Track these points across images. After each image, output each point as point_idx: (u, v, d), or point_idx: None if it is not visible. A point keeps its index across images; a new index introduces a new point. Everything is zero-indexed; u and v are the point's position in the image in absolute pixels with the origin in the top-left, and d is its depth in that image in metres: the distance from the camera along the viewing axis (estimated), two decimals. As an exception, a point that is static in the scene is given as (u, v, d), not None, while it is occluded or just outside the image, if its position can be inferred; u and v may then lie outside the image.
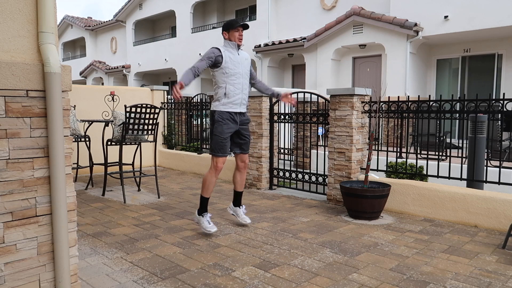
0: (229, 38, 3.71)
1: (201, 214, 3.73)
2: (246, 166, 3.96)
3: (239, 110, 3.73)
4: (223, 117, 3.65)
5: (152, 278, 2.72)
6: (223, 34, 3.73)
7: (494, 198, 3.91)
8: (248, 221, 3.97)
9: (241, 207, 4.03)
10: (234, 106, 3.69)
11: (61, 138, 1.99)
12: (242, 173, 3.96)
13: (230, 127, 3.68)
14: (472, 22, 8.88)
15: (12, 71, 1.88)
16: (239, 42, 3.71)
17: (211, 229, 3.62)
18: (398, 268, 2.92)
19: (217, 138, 3.65)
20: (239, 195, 4.03)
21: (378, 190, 4.22)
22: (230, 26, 3.69)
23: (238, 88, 3.70)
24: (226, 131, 3.65)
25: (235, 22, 3.70)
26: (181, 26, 16.73)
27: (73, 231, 2.10)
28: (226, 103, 3.66)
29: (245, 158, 3.92)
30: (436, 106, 4.48)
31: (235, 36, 3.69)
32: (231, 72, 3.65)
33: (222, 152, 3.66)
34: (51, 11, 1.96)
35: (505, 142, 6.65)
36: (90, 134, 6.15)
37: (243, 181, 4.01)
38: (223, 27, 3.73)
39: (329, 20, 11.68)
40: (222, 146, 3.65)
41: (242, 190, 4.02)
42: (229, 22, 3.73)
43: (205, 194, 3.73)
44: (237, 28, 3.68)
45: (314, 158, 7.23)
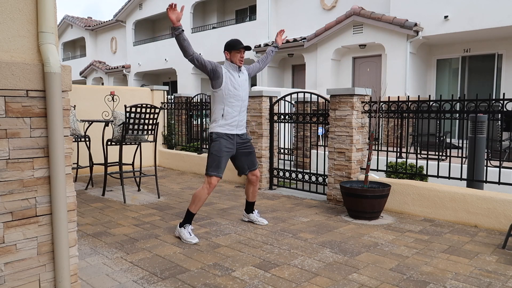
0: (230, 58, 3.66)
1: (182, 226, 3.59)
2: (258, 179, 4.00)
3: (235, 132, 3.69)
4: (220, 136, 3.62)
5: (152, 278, 2.72)
6: (225, 53, 3.68)
7: (494, 198, 3.91)
8: (266, 222, 4.06)
9: (254, 212, 4.13)
10: (231, 128, 3.66)
11: (61, 138, 1.99)
12: (255, 186, 4.01)
13: (228, 147, 3.64)
14: (472, 22, 8.88)
15: (12, 71, 1.88)
16: (240, 64, 3.67)
17: (192, 240, 3.47)
18: (398, 268, 2.92)
19: (214, 156, 3.58)
20: (252, 205, 4.12)
21: (378, 190, 4.22)
22: (232, 47, 3.64)
23: (236, 110, 3.66)
24: (223, 149, 3.60)
25: (238, 44, 3.64)
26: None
27: (73, 231, 2.10)
28: (223, 125, 3.63)
29: (256, 172, 3.95)
30: (436, 106, 4.48)
31: (236, 57, 3.64)
32: (230, 94, 3.61)
33: (217, 172, 3.57)
34: (51, 11, 1.96)
35: (505, 142, 6.65)
36: (90, 134, 6.15)
37: (256, 193, 4.07)
38: (225, 47, 3.68)
39: (329, 20, 11.68)
40: (218, 164, 3.57)
41: (254, 200, 4.10)
42: (231, 43, 3.66)
43: (193, 209, 3.58)
44: (239, 50, 3.63)
45: (314, 158, 7.23)
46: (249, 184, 4.01)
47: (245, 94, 3.75)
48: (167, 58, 17.28)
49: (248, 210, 4.13)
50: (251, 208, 4.12)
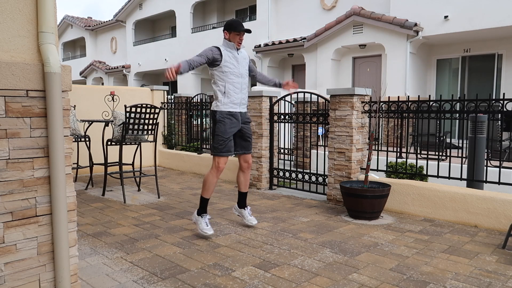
0: (229, 38, 3.65)
1: (200, 214, 3.65)
2: (250, 167, 3.91)
3: (239, 110, 3.70)
4: (224, 116, 3.61)
5: (152, 278, 2.72)
6: (224, 33, 3.66)
7: (494, 198, 3.91)
8: (255, 222, 3.92)
9: (246, 208, 3.97)
10: (234, 106, 3.66)
11: (61, 138, 1.99)
12: (246, 174, 3.91)
13: (233, 126, 3.64)
14: (472, 22, 8.88)
15: (12, 71, 1.88)
16: (238, 46, 3.66)
17: (207, 231, 3.54)
18: (398, 268, 2.92)
19: (220, 137, 3.59)
20: (243, 196, 3.97)
21: (378, 190, 4.22)
22: (232, 28, 3.61)
23: (238, 87, 3.67)
24: (228, 130, 3.61)
25: (239, 25, 3.61)
26: (181, 26, 16.73)
27: (73, 231, 2.10)
28: (226, 103, 3.62)
29: (248, 158, 3.87)
30: (436, 106, 4.48)
31: (235, 39, 3.63)
32: (230, 71, 3.61)
33: (224, 152, 3.60)
34: (51, 11, 1.96)
35: (505, 142, 6.65)
36: (90, 134, 6.15)
37: (247, 182, 3.95)
38: (225, 26, 3.65)
39: (329, 20, 11.69)
40: (224, 145, 3.59)
41: (246, 190, 3.96)
42: (232, 23, 3.63)
43: (206, 194, 3.66)
44: (239, 32, 3.62)
45: (314, 158, 7.23)
46: (240, 172, 3.90)
47: (245, 72, 3.75)
48: (167, 58, 17.29)
49: (240, 204, 3.98)
50: (244, 202, 3.97)
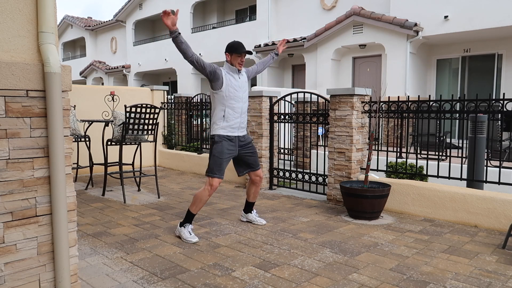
0: (230, 61, 3.65)
1: (182, 225, 3.60)
2: (262, 179, 4.00)
3: (237, 134, 3.69)
4: (222, 138, 3.62)
5: (152, 278, 2.72)
6: (226, 55, 3.67)
7: (494, 198, 3.91)
8: (264, 222, 4.06)
9: (252, 211, 4.12)
10: (232, 130, 3.65)
11: (61, 138, 1.99)
12: (257, 186, 4.01)
13: (230, 149, 3.64)
14: (472, 22, 8.88)
15: (12, 71, 1.88)
16: (239, 68, 3.66)
17: (192, 239, 3.48)
18: (398, 268, 2.92)
19: (216, 158, 3.59)
20: (251, 205, 4.11)
21: (378, 190, 4.22)
22: (234, 50, 3.62)
23: (237, 112, 3.66)
24: (226, 151, 3.60)
25: (240, 47, 3.62)
26: (181, 26, 16.71)
27: (73, 231, 2.10)
28: (225, 127, 3.62)
29: (259, 173, 3.94)
30: (436, 106, 4.48)
31: (236, 60, 3.63)
32: (231, 96, 3.60)
33: (219, 174, 3.58)
34: (51, 11, 1.96)
35: (505, 142, 6.65)
36: (90, 134, 6.15)
37: (257, 193, 4.08)
38: (227, 48, 3.66)
39: (329, 20, 11.68)
40: (220, 166, 3.59)
41: (255, 201, 4.10)
42: (233, 45, 3.64)
43: (194, 210, 3.59)
44: (240, 54, 3.62)
45: (314, 158, 7.23)
46: (252, 185, 4.00)
47: (245, 96, 3.75)
48: (167, 58, 17.29)
49: (247, 210, 4.13)
50: (250, 208, 4.12)
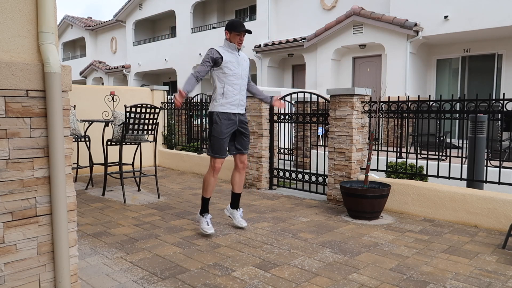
0: (229, 38, 3.66)
1: (202, 214, 3.74)
2: (245, 167, 3.90)
3: (237, 111, 3.70)
4: (221, 117, 3.62)
5: (152, 278, 2.72)
6: (225, 32, 3.68)
7: (494, 198, 3.91)
8: (244, 225, 3.86)
9: (238, 209, 3.94)
10: (232, 107, 3.66)
11: (61, 138, 1.99)
12: (241, 174, 3.89)
13: (229, 127, 3.65)
14: (472, 22, 8.88)
15: (12, 71, 1.88)
16: (239, 46, 3.68)
17: (208, 230, 3.61)
18: (398, 268, 2.92)
19: (216, 139, 3.62)
20: (237, 197, 3.94)
21: (378, 190, 4.22)
22: (233, 28, 3.62)
23: (236, 89, 3.67)
24: (224, 131, 3.62)
25: (240, 25, 3.63)
26: (181, 26, 16.73)
27: (73, 231, 2.10)
28: (224, 104, 3.63)
29: (244, 158, 3.86)
30: (436, 106, 4.48)
31: (236, 39, 3.65)
32: (230, 73, 3.62)
33: (220, 153, 3.63)
34: (51, 11, 1.96)
35: (505, 142, 6.65)
36: (90, 134, 6.15)
37: (242, 182, 3.93)
38: (227, 26, 3.67)
39: (329, 20, 11.69)
40: (220, 147, 3.62)
41: (240, 191, 3.93)
42: (233, 23, 3.64)
43: (206, 194, 3.74)
44: (239, 32, 3.63)
45: (314, 158, 7.23)
46: (236, 172, 3.87)
47: (245, 74, 3.77)
48: (167, 58, 17.29)
49: (233, 205, 3.94)
50: (237, 202, 3.94)
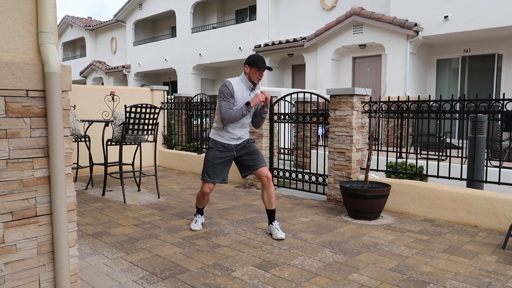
0: (249, 74, 3.53)
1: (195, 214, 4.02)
2: (270, 180, 3.62)
3: (235, 143, 3.64)
4: (216, 144, 3.62)
5: (152, 278, 2.72)
6: (245, 67, 3.55)
7: (494, 198, 3.91)
8: (281, 236, 3.57)
9: (273, 223, 3.70)
10: (230, 139, 3.62)
11: (61, 138, 1.99)
12: (268, 189, 3.62)
13: (224, 155, 3.61)
14: (472, 22, 8.88)
15: (12, 71, 1.88)
16: (257, 82, 3.57)
17: (193, 226, 3.87)
18: (398, 268, 2.92)
19: (208, 162, 3.62)
20: (271, 214, 3.70)
21: (378, 190, 4.22)
22: (254, 64, 3.48)
23: (238, 126, 3.60)
24: (218, 156, 3.59)
25: (261, 62, 3.49)
26: (181, 26, 16.73)
27: (73, 231, 2.10)
28: (223, 135, 3.61)
29: (265, 171, 3.62)
30: (436, 106, 4.48)
31: (255, 75, 3.52)
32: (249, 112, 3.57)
33: (210, 178, 3.61)
34: (51, 11, 1.96)
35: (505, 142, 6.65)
36: (90, 134, 6.15)
37: (271, 198, 3.65)
38: (248, 61, 3.53)
39: (329, 20, 11.68)
40: (211, 171, 3.60)
41: (272, 208, 3.68)
42: (255, 59, 3.50)
43: (198, 205, 3.94)
44: (260, 69, 3.50)
45: (314, 158, 7.23)
46: (263, 189, 3.67)
47: (251, 113, 3.67)
48: (167, 58, 17.29)
49: (269, 221, 3.74)
50: (271, 218, 3.71)
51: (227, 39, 14.78)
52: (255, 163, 3.64)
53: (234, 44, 14.45)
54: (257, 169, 3.63)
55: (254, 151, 3.69)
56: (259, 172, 3.63)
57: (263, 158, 3.71)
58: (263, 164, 3.64)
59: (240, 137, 3.66)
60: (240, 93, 3.53)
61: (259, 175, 3.64)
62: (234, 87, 3.51)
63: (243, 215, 4.40)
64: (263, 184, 3.64)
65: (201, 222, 3.94)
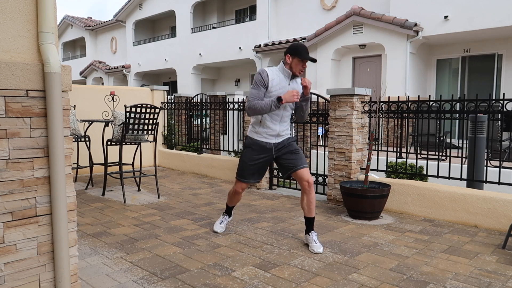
0: (290, 64, 3.22)
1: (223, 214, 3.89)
2: (312, 185, 3.29)
3: (274, 141, 3.35)
4: (253, 144, 3.37)
5: (152, 278, 2.72)
6: (286, 56, 3.22)
7: (494, 198, 3.91)
8: (319, 250, 3.23)
9: (310, 233, 3.37)
10: (269, 137, 3.34)
11: (61, 138, 1.99)
12: (309, 195, 3.29)
13: (261, 156, 3.37)
14: (472, 22, 8.88)
15: (12, 71, 1.88)
16: (299, 74, 3.25)
17: (215, 228, 3.78)
18: (398, 268, 2.92)
19: (243, 162, 3.43)
20: (309, 222, 3.39)
21: (378, 190, 4.22)
22: (298, 54, 3.17)
23: (276, 120, 3.30)
24: (254, 158, 3.37)
25: (305, 52, 3.17)
26: (181, 26, 16.73)
27: (73, 231, 2.10)
28: (260, 132, 3.34)
29: (305, 173, 3.27)
30: (436, 106, 4.48)
31: (298, 66, 3.21)
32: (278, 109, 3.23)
33: (242, 177, 3.44)
34: (51, 11, 1.96)
35: (505, 142, 6.65)
36: (90, 134, 6.15)
37: (312, 204, 3.32)
38: (290, 50, 3.20)
39: (329, 20, 11.69)
40: (244, 171, 3.42)
41: (310, 215, 3.36)
42: (299, 49, 3.18)
43: (230, 203, 3.81)
44: (303, 59, 3.19)
45: (314, 158, 7.23)
46: (302, 193, 3.36)
47: (291, 104, 3.35)
48: (167, 58, 17.29)
49: (306, 229, 3.43)
50: (309, 226, 3.39)
51: (227, 39, 14.78)
52: (295, 163, 3.32)
53: (234, 44, 14.45)
54: (297, 170, 3.31)
55: (295, 150, 3.38)
56: (299, 175, 3.30)
57: (305, 159, 3.39)
58: (303, 165, 3.32)
59: (279, 134, 3.35)
60: (277, 82, 3.22)
61: (299, 178, 3.31)
62: (270, 75, 3.22)
63: (243, 215, 4.40)
64: (303, 189, 3.31)
65: (225, 224, 3.79)
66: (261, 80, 3.21)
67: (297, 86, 3.34)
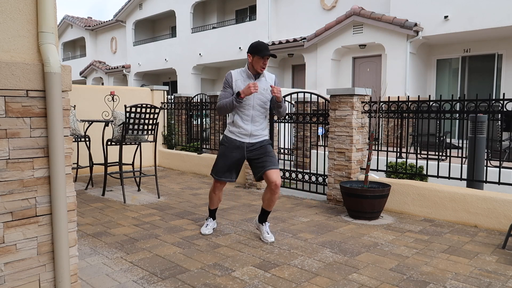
0: (251, 63, 3.36)
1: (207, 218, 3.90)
2: (278, 187, 3.35)
3: (248, 141, 3.45)
4: (227, 141, 3.49)
5: (152, 278, 2.72)
6: (248, 56, 3.37)
7: (494, 198, 3.91)
8: (271, 240, 3.49)
9: (264, 224, 3.59)
10: (242, 136, 3.45)
11: (61, 138, 1.99)
12: (273, 195, 3.41)
13: (232, 155, 3.45)
14: (472, 22, 8.88)
15: (12, 71, 1.88)
16: (260, 71, 3.38)
17: (203, 230, 3.75)
18: (398, 268, 2.92)
19: (216, 159, 3.54)
20: (265, 213, 3.58)
21: (378, 190, 4.22)
22: (256, 52, 3.29)
23: (246, 120, 3.41)
24: (226, 154, 3.46)
25: (264, 49, 3.29)
26: (181, 26, 16.73)
27: (73, 231, 2.10)
28: (234, 131, 3.48)
29: (274, 175, 3.34)
30: (436, 106, 4.48)
31: (258, 63, 3.33)
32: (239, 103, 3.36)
33: (218, 175, 3.50)
34: (51, 11, 1.96)
35: (505, 142, 6.65)
36: (90, 134, 6.15)
37: (272, 202, 3.47)
38: (249, 49, 3.35)
39: (329, 20, 11.69)
40: (221, 168, 3.48)
41: (268, 210, 3.55)
42: (257, 47, 3.31)
43: (211, 206, 3.81)
44: (263, 56, 3.30)
45: (314, 158, 7.23)
46: (268, 189, 3.44)
47: (259, 103, 3.41)
48: (167, 58, 17.29)
49: (261, 219, 3.63)
50: (264, 217, 3.60)
51: (227, 39, 14.78)
52: (266, 165, 3.40)
53: (234, 44, 14.45)
54: (266, 171, 3.37)
55: (267, 152, 3.46)
56: (268, 176, 3.36)
57: (276, 161, 3.46)
58: (272, 166, 3.38)
59: (252, 134, 3.44)
60: (240, 83, 3.39)
61: (268, 179, 3.36)
62: (234, 76, 3.42)
63: (243, 215, 4.40)
64: (270, 189, 3.39)
65: (212, 227, 3.78)
66: (226, 81, 3.45)
67: (264, 84, 3.45)
